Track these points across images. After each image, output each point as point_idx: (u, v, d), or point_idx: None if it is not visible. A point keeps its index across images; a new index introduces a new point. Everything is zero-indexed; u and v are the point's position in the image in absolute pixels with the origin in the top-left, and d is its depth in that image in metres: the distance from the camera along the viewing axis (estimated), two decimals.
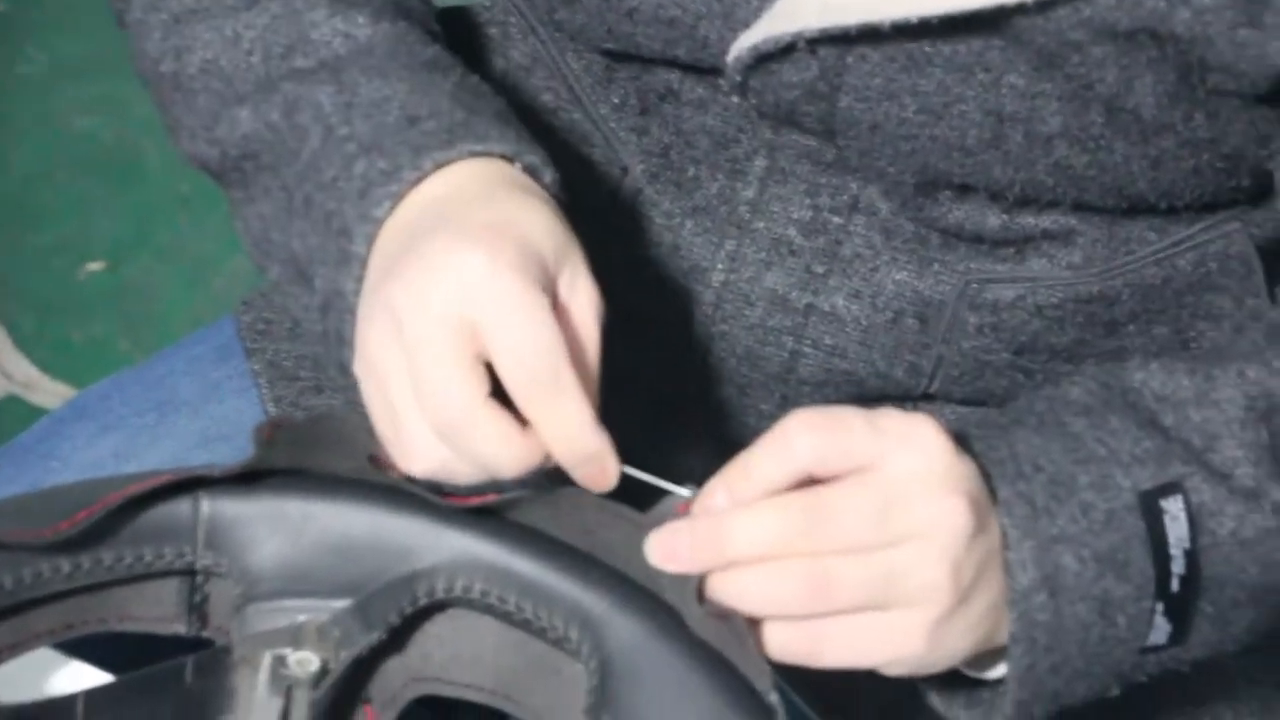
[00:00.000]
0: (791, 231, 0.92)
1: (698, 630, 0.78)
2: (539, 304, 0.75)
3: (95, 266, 2.06)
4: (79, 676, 0.87)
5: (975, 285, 0.90)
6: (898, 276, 0.91)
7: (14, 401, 1.93)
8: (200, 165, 0.92)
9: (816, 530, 0.75)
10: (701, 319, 0.93)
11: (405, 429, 0.77)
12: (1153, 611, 0.80)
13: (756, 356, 0.93)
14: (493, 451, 0.77)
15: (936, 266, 0.90)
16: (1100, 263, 0.90)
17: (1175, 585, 0.80)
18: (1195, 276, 0.90)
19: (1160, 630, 0.81)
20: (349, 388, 1.08)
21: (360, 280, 0.81)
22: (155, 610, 0.83)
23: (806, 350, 0.92)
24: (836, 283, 0.91)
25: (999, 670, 0.83)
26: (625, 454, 0.80)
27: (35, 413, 1.88)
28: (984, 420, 0.83)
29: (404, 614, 0.82)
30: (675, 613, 0.80)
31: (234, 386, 1.11)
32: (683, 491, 0.79)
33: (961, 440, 0.80)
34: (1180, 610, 0.81)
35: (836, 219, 0.91)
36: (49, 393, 1.93)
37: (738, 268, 0.92)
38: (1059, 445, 0.80)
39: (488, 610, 0.82)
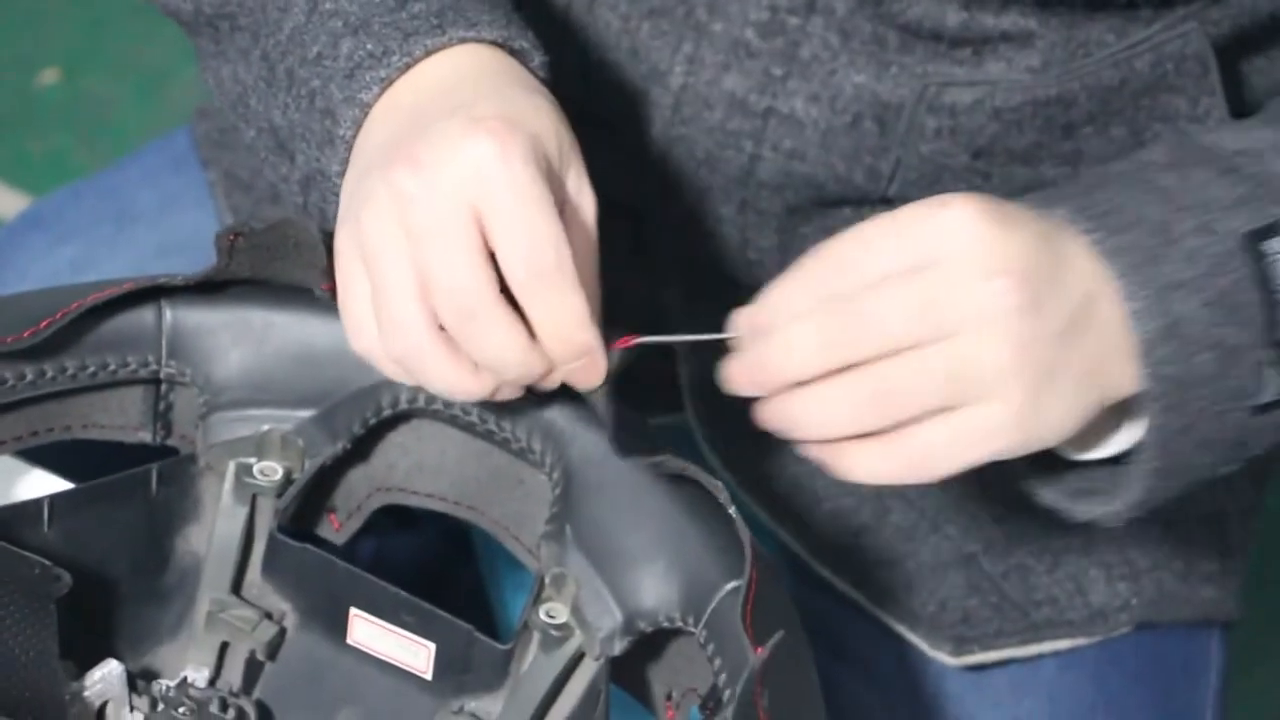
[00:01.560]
0: (749, 33, 0.91)
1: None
2: (547, 199, 0.75)
3: (50, 77, 2.04)
4: (45, 484, 0.87)
5: (934, 89, 0.90)
6: (856, 79, 0.90)
7: None
8: (169, 13, 0.90)
9: (857, 335, 0.74)
10: (660, 123, 0.93)
11: (395, 312, 0.75)
12: (1262, 362, 0.79)
13: (715, 160, 0.93)
14: (500, 345, 0.75)
15: (895, 69, 0.90)
16: (1058, 66, 0.89)
17: None
18: (1152, 78, 0.90)
19: (1272, 384, 0.79)
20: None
21: (345, 163, 0.80)
22: (120, 418, 0.83)
23: (766, 154, 0.92)
24: (795, 85, 0.91)
25: (1105, 450, 0.82)
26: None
27: None
28: (1075, 185, 0.82)
29: (368, 424, 0.82)
30: (638, 423, 0.81)
31: (192, 197, 1.10)
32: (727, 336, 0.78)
33: (1045, 204, 0.78)
34: None
35: (794, 19, 0.90)
36: (7, 203, 1.92)
37: (696, 70, 0.92)
38: (1152, 198, 0.79)
39: (450, 420, 0.83)
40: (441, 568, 1.16)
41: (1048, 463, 0.82)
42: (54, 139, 1.99)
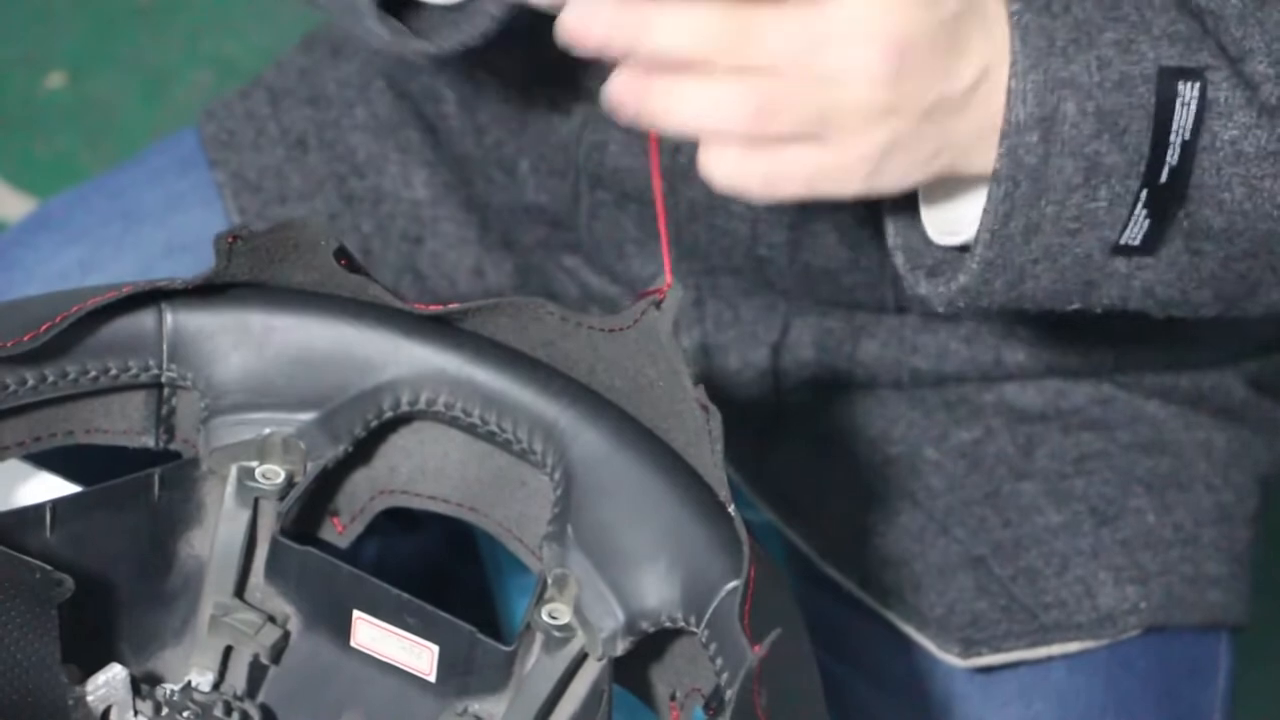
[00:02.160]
0: None
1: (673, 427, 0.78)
2: None
3: (56, 79, 2.04)
4: (49, 488, 0.87)
5: None
6: None
7: None
8: None
9: (745, 43, 0.74)
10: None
11: None
12: (1136, 199, 0.78)
13: None
14: None
15: None
16: None
17: (1165, 176, 0.78)
18: None
19: (1137, 226, 0.79)
20: (312, 196, 1.07)
21: None
22: (122, 423, 0.83)
23: None
24: None
25: (963, 236, 0.82)
26: None
27: None
28: None
29: (369, 427, 0.82)
30: (638, 424, 0.81)
31: (198, 197, 1.10)
32: None
33: None
34: (1160, 209, 0.79)
35: None
36: (13, 205, 1.92)
37: None
38: None
39: (452, 423, 0.82)
40: (444, 569, 1.16)
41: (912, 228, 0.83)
42: (60, 142, 1.99)
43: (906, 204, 0.83)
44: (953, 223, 0.82)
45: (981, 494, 1.00)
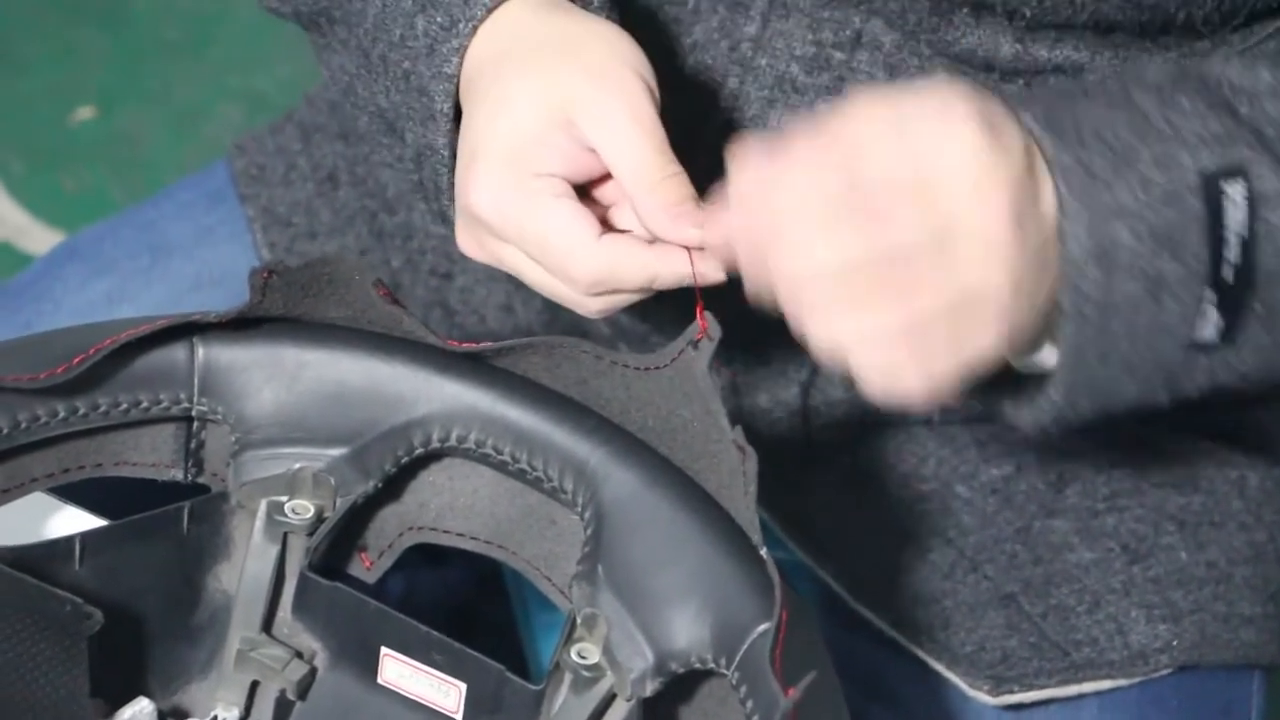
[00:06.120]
0: (795, 69, 0.91)
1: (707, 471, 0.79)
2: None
3: (85, 113, 2.05)
4: (76, 521, 0.87)
5: None
6: None
7: (6, 249, 1.92)
8: (280, 15, 0.95)
9: (869, 241, 0.74)
10: (705, 161, 0.93)
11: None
12: (1201, 299, 0.79)
13: None
14: None
15: None
16: None
17: (1229, 275, 0.79)
18: None
19: (1210, 322, 0.79)
20: (342, 231, 1.07)
21: (449, 134, 0.84)
22: (152, 456, 0.83)
23: None
24: None
25: (1042, 358, 0.82)
26: None
27: (26, 260, 1.88)
28: (1052, 88, 0.82)
29: (400, 463, 0.82)
30: (670, 464, 0.80)
31: (227, 231, 1.10)
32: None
33: (1015, 106, 0.78)
34: (1232, 304, 0.79)
35: (839, 54, 0.90)
36: (41, 239, 1.92)
37: (741, 107, 0.92)
38: (1124, 118, 0.79)
39: (483, 460, 0.82)
40: (472, 606, 1.16)
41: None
42: (89, 176, 2.00)
43: None
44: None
45: (1013, 530, 0.99)
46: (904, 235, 0.74)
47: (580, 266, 0.80)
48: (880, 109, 0.76)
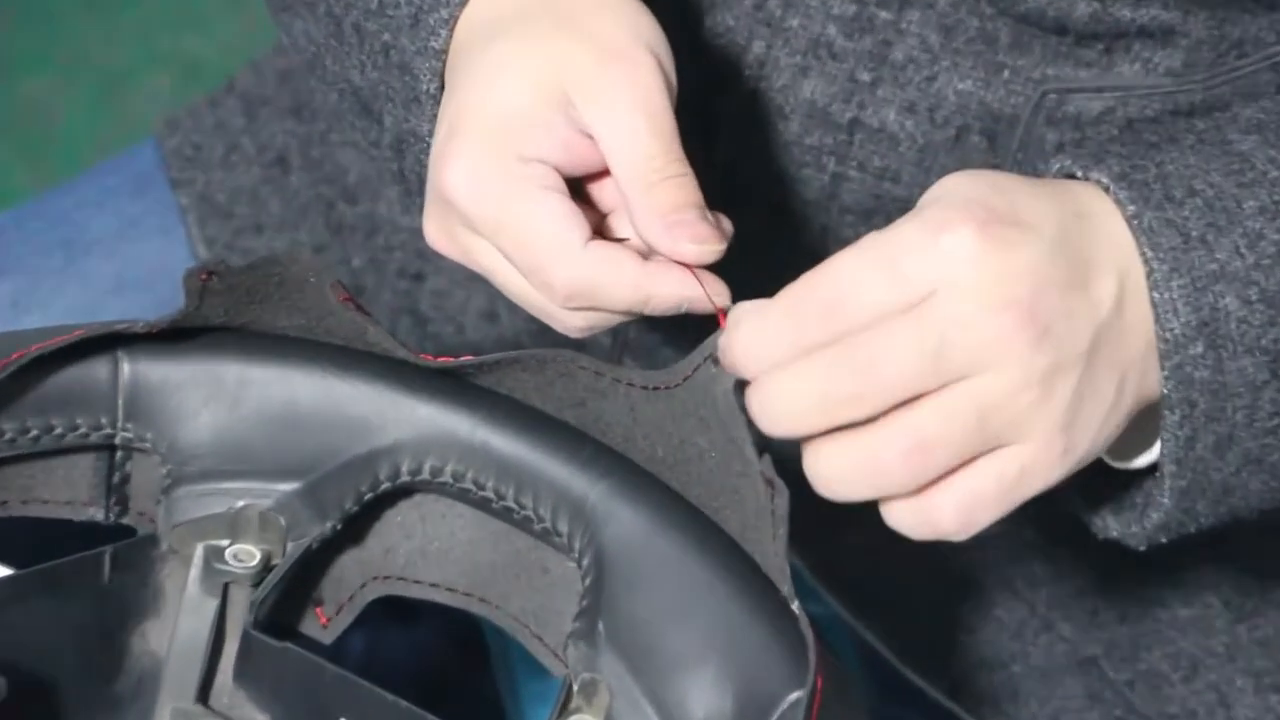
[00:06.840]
0: (832, 30, 0.91)
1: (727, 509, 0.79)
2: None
3: None
4: None
5: (1054, 96, 0.90)
6: (960, 86, 0.90)
7: None
8: None
9: (863, 387, 0.75)
10: (725, 136, 0.93)
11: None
12: None
13: (791, 180, 0.93)
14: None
15: (1007, 73, 0.90)
16: (1204, 68, 0.89)
17: None
18: None
19: None
20: (294, 224, 1.08)
21: (434, 119, 0.84)
22: (66, 492, 0.83)
23: (851, 173, 0.92)
24: (886, 93, 0.91)
25: (1149, 456, 0.82)
26: None
27: None
28: (1128, 137, 0.82)
29: (362, 500, 0.82)
30: (684, 502, 0.81)
31: (155, 223, 1.11)
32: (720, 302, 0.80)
33: (1087, 165, 0.79)
34: None
35: (885, 13, 0.90)
36: None
37: (768, 75, 0.92)
38: (1220, 165, 0.79)
39: (461, 496, 0.83)
40: (445, 670, 1.17)
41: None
42: None
43: None
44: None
45: (1093, 582, 0.99)
46: (896, 365, 0.74)
47: (560, 273, 0.80)
48: (868, 245, 0.76)
